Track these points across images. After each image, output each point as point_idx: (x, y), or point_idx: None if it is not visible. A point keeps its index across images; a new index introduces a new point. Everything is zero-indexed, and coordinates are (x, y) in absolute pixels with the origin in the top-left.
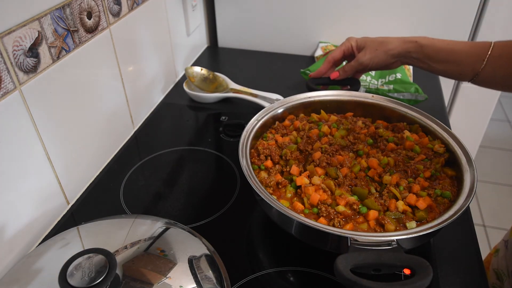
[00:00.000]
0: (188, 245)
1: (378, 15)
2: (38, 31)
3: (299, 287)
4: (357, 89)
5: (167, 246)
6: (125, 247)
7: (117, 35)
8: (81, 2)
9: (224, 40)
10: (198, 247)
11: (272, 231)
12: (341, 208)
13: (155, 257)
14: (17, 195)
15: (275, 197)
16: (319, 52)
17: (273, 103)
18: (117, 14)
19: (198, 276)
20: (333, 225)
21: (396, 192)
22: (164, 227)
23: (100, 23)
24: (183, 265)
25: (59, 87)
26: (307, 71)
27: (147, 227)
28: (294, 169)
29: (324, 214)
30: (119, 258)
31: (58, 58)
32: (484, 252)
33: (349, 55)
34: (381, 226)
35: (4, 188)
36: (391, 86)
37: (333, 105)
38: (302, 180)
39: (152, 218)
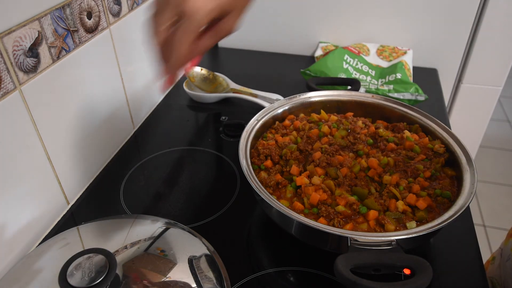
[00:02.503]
0: (188, 245)
1: (378, 15)
2: (38, 31)
3: (299, 287)
4: (357, 89)
5: (167, 246)
6: (125, 247)
7: (117, 35)
8: (81, 2)
9: (224, 40)
10: (198, 247)
11: (272, 231)
12: (341, 208)
13: (155, 257)
14: (17, 195)
15: (275, 197)
16: (319, 52)
17: (273, 103)
18: (117, 14)
19: (198, 276)
20: (333, 225)
21: (396, 192)
22: (164, 227)
23: (100, 23)
24: (183, 265)
25: (59, 87)
26: (307, 71)
27: (147, 227)
28: (294, 169)
29: (324, 214)
30: (119, 258)
31: (58, 58)
32: (484, 253)
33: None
34: (381, 226)
35: (4, 188)
36: (391, 86)
37: (333, 105)
38: (302, 180)
39: (152, 218)
